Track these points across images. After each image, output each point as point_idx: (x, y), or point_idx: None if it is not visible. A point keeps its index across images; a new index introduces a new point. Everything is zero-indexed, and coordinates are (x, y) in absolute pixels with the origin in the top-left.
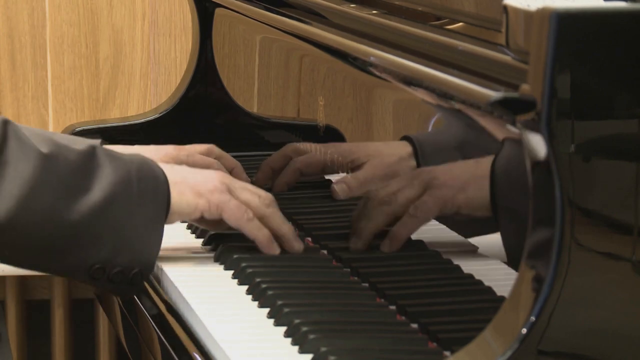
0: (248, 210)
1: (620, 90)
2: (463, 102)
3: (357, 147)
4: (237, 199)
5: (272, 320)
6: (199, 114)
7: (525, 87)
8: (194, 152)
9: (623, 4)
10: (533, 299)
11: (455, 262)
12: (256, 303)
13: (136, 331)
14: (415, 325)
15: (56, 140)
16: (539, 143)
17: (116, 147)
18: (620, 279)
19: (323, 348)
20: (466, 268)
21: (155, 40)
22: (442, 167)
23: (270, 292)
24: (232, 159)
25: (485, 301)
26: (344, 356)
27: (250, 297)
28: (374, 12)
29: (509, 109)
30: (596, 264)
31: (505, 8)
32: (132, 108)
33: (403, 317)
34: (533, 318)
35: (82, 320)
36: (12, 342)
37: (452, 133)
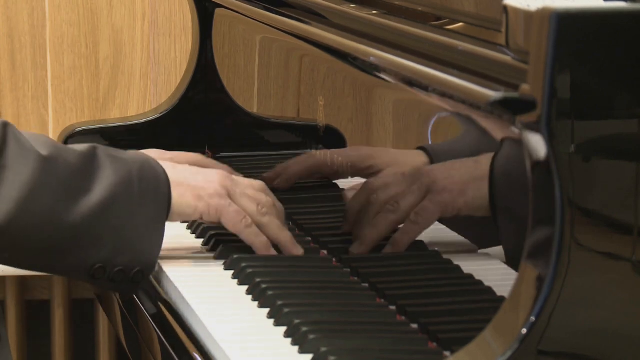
0: (247, 216)
1: (620, 90)
2: (463, 102)
3: (373, 154)
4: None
5: (272, 320)
6: (199, 114)
7: (525, 87)
8: (180, 159)
9: (623, 4)
10: (533, 299)
11: (455, 262)
12: (256, 303)
13: (136, 331)
14: (415, 325)
15: (56, 143)
16: (539, 143)
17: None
18: (620, 279)
19: (323, 348)
20: (466, 268)
21: (155, 40)
22: (441, 170)
23: (270, 292)
24: (221, 165)
25: (485, 301)
26: (344, 356)
27: (250, 297)
28: (374, 12)
29: (509, 109)
30: (596, 264)
31: (505, 8)
32: (132, 108)
33: (403, 317)
34: (533, 318)
35: (82, 320)
36: (12, 342)
37: (467, 142)
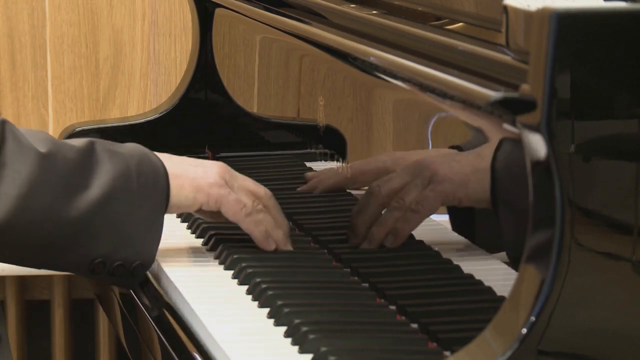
0: (246, 205)
1: (620, 90)
2: (463, 102)
3: (405, 157)
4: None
5: (272, 320)
6: (199, 114)
7: (525, 87)
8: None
9: (623, 4)
10: (533, 299)
11: (455, 262)
12: (256, 303)
13: (136, 331)
14: (415, 325)
15: (54, 139)
16: (539, 143)
17: None
18: (620, 279)
19: (323, 348)
20: (466, 268)
21: (155, 40)
22: (443, 161)
23: (270, 292)
24: None
25: (485, 301)
26: (344, 356)
27: (250, 297)
28: (374, 12)
29: (509, 109)
30: (596, 264)
31: (505, 8)
32: (132, 108)
33: (403, 317)
34: (533, 318)
35: (82, 320)
36: (12, 342)
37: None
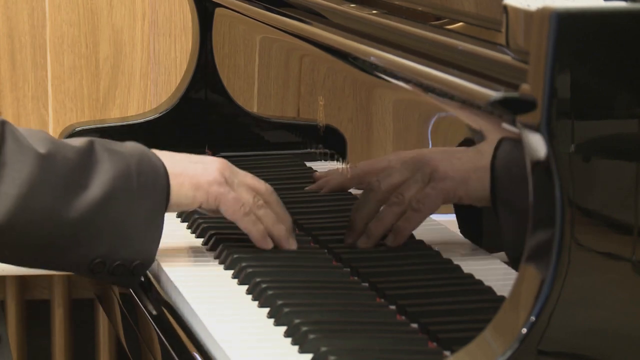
0: (245, 204)
1: (620, 90)
2: (463, 102)
3: (415, 155)
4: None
5: (272, 320)
6: (199, 114)
7: (525, 87)
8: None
9: (623, 4)
10: (533, 299)
11: (455, 262)
12: (256, 303)
13: (136, 331)
14: (415, 325)
15: (54, 139)
16: (539, 143)
17: None
18: (620, 279)
19: (323, 348)
20: (466, 268)
21: (155, 40)
22: (443, 158)
23: (270, 292)
24: None
25: (485, 301)
26: (344, 356)
27: (250, 297)
28: (374, 12)
29: (509, 109)
30: (596, 264)
31: (505, 8)
32: (132, 108)
33: (403, 317)
34: (533, 318)
35: (82, 320)
36: (12, 342)
37: None
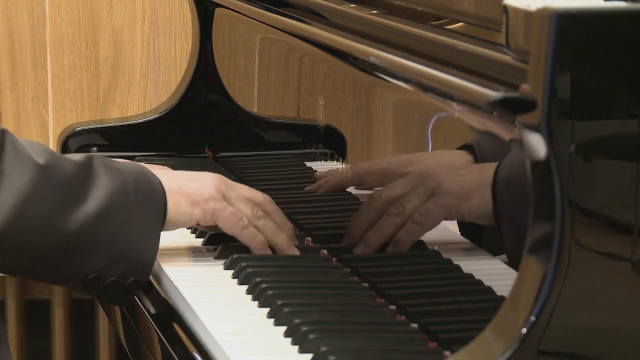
0: (243, 217)
1: (620, 90)
2: (463, 102)
3: (413, 160)
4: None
5: (272, 320)
6: (199, 114)
7: (525, 87)
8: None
9: (623, 4)
10: (533, 299)
11: (455, 262)
12: (256, 303)
13: (136, 331)
14: (415, 325)
15: (53, 152)
16: (539, 143)
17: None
18: (620, 279)
19: (323, 348)
20: (466, 268)
21: (155, 40)
22: (447, 174)
23: (270, 292)
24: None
25: (485, 301)
26: (344, 356)
27: (250, 297)
28: (374, 12)
29: (509, 109)
30: (596, 264)
31: (505, 8)
32: (132, 108)
33: (403, 317)
34: (533, 318)
35: (82, 320)
36: (12, 342)
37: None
